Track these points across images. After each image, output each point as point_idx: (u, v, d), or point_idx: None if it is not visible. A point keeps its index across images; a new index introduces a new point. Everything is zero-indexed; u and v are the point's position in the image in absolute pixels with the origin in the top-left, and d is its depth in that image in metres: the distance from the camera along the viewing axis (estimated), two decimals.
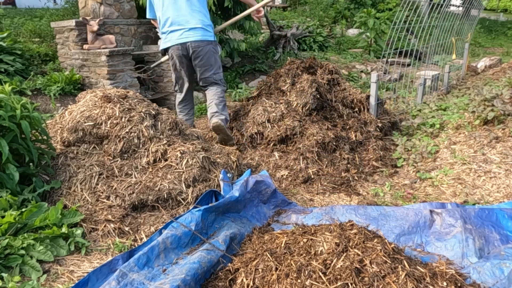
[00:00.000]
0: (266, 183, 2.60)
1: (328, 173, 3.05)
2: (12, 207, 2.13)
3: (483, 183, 2.71)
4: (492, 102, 3.30)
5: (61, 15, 7.31)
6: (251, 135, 3.38)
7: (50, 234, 2.03)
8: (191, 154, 2.63)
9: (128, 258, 1.89)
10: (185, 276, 1.67)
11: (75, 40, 5.02)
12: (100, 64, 4.68)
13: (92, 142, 2.64)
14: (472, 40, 10.62)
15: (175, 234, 1.98)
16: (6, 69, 4.61)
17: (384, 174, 3.12)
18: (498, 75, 6.24)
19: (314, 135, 3.23)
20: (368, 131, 3.55)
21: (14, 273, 1.83)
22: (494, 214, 2.07)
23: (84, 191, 2.40)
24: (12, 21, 7.28)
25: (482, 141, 3.08)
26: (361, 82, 6.67)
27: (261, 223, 2.38)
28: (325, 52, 8.58)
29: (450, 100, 4.70)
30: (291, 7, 15.05)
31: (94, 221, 2.24)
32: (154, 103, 2.99)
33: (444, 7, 5.73)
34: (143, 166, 2.57)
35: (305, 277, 1.51)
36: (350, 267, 1.50)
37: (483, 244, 1.93)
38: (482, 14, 14.95)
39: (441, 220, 2.13)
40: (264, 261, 1.67)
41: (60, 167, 2.53)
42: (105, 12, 5.10)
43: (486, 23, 15.24)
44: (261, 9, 3.65)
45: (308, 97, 3.44)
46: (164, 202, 2.40)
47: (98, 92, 2.83)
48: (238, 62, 7.24)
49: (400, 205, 2.62)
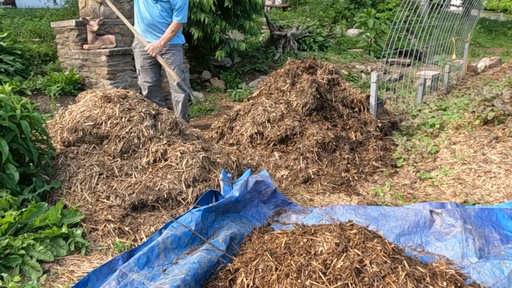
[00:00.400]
0: (266, 183, 2.60)
1: (328, 173, 3.05)
2: (12, 207, 2.13)
3: (483, 183, 2.71)
4: (492, 102, 3.30)
5: (61, 15, 7.31)
6: (251, 135, 3.38)
7: (50, 234, 2.03)
8: (191, 154, 2.63)
9: (128, 258, 1.89)
10: (185, 276, 1.67)
11: (75, 40, 5.02)
12: (100, 64, 4.68)
13: (92, 142, 2.64)
14: (472, 40, 10.62)
15: (175, 234, 1.98)
16: (6, 69, 4.61)
17: (384, 174, 3.12)
18: (498, 75, 6.24)
19: (314, 135, 3.23)
20: (368, 131, 3.55)
21: (14, 273, 1.83)
22: (494, 214, 2.07)
23: (84, 191, 2.40)
24: (12, 21, 7.28)
25: (482, 141, 3.08)
26: (361, 82, 6.67)
27: (261, 223, 2.38)
28: (325, 52, 8.58)
29: (450, 100, 4.70)
30: (291, 7, 15.06)
31: (94, 221, 2.24)
32: (154, 103, 2.99)
33: (444, 7, 5.73)
34: (143, 166, 2.57)
35: (305, 277, 1.51)
36: (350, 267, 1.50)
37: (483, 244, 1.93)
38: (482, 14, 14.94)
39: (441, 220, 2.13)
40: (264, 261, 1.67)
41: (60, 167, 2.53)
42: (105, 12, 5.10)
43: (486, 23, 15.24)
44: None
45: (308, 97, 3.44)
46: (164, 202, 2.40)
47: (98, 92, 2.83)
48: (238, 62, 7.25)
49: (400, 205, 2.62)
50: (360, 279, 1.47)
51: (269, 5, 14.79)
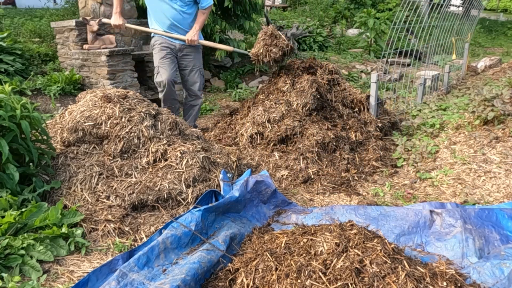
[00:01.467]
0: (266, 183, 2.60)
1: (328, 173, 3.05)
2: (12, 207, 2.13)
3: (483, 183, 2.71)
4: (492, 102, 3.30)
5: (61, 15, 7.31)
6: (251, 135, 3.38)
7: (50, 234, 2.03)
8: (191, 154, 2.63)
9: (128, 258, 1.89)
10: (185, 276, 1.67)
11: (75, 40, 5.02)
12: (100, 64, 4.68)
13: (92, 142, 2.64)
14: (472, 40, 10.62)
15: (175, 234, 1.98)
16: (6, 69, 4.61)
17: (384, 174, 3.12)
18: (498, 75, 6.24)
19: (314, 135, 3.23)
20: (368, 131, 3.55)
21: (14, 273, 1.83)
22: (494, 214, 2.07)
23: (84, 191, 2.40)
24: (12, 21, 7.28)
25: (482, 141, 3.08)
26: (361, 82, 6.67)
27: (261, 223, 2.38)
28: (325, 52, 8.58)
29: (450, 100, 4.71)
30: (291, 7, 15.05)
31: (94, 221, 2.24)
32: (154, 103, 2.99)
33: (444, 7, 5.73)
34: (143, 166, 2.57)
35: (305, 277, 1.51)
36: (350, 267, 1.50)
37: (483, 244, 1.93)
38: (482, 14, 14.95)
39: (441, 220, 2.13)
40: (264, 261, 1.67)
41: (60, 167, 2.53)
42: (105, 12, 5.10)
43: (486, 23, 15.24)
44: None
45: (308, 97, 3.44)
46: (164, 202, 2.40)
47: (98, 92, 2.83)
48: (238, 62, 7.25)
49: (400, 205, 2.62)
50: (360, 279, 1.47)
51: (269, 5, 14.78)
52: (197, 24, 3.68)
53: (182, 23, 3.69)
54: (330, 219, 2.32)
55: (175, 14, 3.61)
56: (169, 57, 3.72)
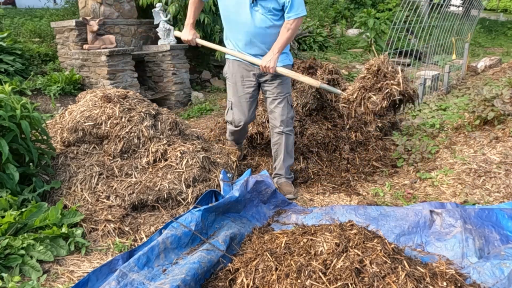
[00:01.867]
0: (266, 183, 2.60)
1: (328, 173, 3.06)
2: (12, 207, 2.13)
3: (483, 183, 2.71)
4: (492, 102, 3.30)
5: (61, 15, 7.31)
6: (251, 135, 3.38)
7: (50, 234, 2.03)
8: (191, 154, 2.63)
9: (128, 258, 1.89)
10: (185, 276, 1.67)
11: (75, 40, 5.02)
12: (100, 64, 4.69)
13: (92, 142, 2.64)
14: (472, 40, 10.62)
15: (175, 234, 1.98)
16: (6, 69, 4.61)
17: (384, 174, 3.12)
18: (498, 75, 6.24)
19: (314, 135, 3.23)
20: (368, 131, 3.55)
21: (14, 273, 1.83)
22: (494, 214, 2.07)
23: (84, 191, 2.40)
24: (12, 21, 7.28)
25: (482, 141, 3.08)
26: None
27: (261, 223, 2.38)
28: (325, 52, 8.59)
29: (450, 100, 4.71)
30: None
31: (94, 221, 2.24)
32: (154, 103, 2.99)
33: (444, 7, 5.73)
34: (143, 166, 2.57)
35: (305, 277, 1.51)
36: (350, 267, 1.50)
37: (483, 244, 1.93)
38: (482, 14, 14.94)
39: (441, 220, 2.13)
40: (264, 261, 1.67)
41: (60, 167, 2.53)
42: (105, 12, 5.10)
43: (486, 23, 15.24)
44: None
45: (308, 97, 3.44)
46: (164, 202, 2.40)
47: (98, 92, 2.83)
48: None
49: (400, 205, 2.62)
50: (360, 279, 1.47)
51: None
52: (277, 45, 2.51)
53: (262, 40, 2.60)
54: (330, 219, 2.32)
55: (254, 27, 2.54)
56: (248, 95, 2.78)
